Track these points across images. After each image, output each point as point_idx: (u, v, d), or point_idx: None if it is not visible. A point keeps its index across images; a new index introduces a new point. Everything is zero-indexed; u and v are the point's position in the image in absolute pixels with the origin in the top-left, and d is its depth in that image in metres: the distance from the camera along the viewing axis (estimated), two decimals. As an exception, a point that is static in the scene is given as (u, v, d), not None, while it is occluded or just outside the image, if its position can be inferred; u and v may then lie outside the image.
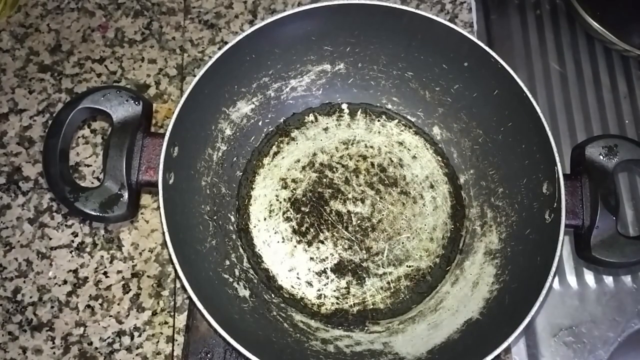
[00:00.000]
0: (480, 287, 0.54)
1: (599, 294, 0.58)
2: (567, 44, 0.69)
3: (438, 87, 0.59)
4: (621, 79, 0.67)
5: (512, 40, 0.68)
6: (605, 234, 0.48)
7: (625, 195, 0.62)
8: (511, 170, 0.55)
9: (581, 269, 0.59)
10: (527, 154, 0.53)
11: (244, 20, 0.67)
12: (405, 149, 0.61)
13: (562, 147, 0.63)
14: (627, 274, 0.59)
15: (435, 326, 0.53)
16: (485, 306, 0.52)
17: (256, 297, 0.54)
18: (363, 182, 0.59)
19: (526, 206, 0.53)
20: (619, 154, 0.50)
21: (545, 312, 0.57)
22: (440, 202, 0.59)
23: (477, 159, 0.59)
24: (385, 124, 0.62)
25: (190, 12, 0.67)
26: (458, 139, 0.60)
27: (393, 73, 0.60)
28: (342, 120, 0.62)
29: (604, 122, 0.65)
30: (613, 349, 0.56)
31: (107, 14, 0.67)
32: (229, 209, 0.58)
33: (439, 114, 0.61)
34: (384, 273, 0.56)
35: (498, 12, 0.70)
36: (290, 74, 0.59)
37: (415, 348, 0.52)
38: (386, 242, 0.57)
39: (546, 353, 0.56)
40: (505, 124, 0.55)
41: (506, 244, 0.54)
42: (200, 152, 0.55)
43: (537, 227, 0.51)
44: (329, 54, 0.59)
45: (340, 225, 0.58)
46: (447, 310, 0.54)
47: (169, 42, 0.66)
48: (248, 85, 0.57)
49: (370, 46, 0.58)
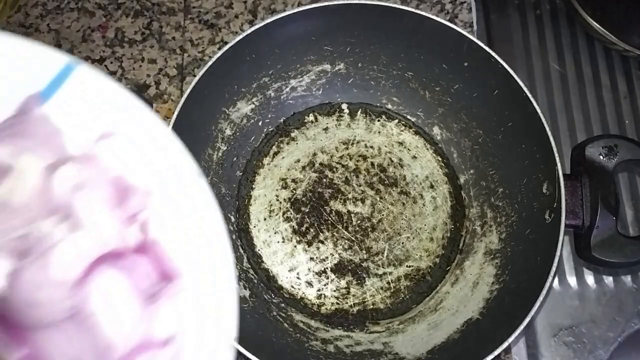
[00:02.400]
0: (480, 287, 0.54)
1: (599, 294, 0.58)
2: (567, 44, 0.69)
3: (438, 87, 0.59)
4: (621, 79, 0.67)
5: (512, 40, 0.68)
6: (605, 234, 0.48)
7: (625, 195, 0.62)
8: (511, 170, 0.55)
9: (581, 269, 0.59)
10: (527, 154, 0.53)
11: (244, 20, 0.67)
12: (405, 149, 0.61)
13: (562, 147, 0.63)
14: (627, 274, 0.59)
15: (435, 326, 0.53)
16: (485, 306, 0.52)
17: (256, 297, 0.54)
18: (363, 182, 0.59)
19: (526, 206, 0.53)
20: (619, 154, 0.50)
21: (545, 312, 0.57)
22: (440, 202, 0.59)
23: (477, 159, 0.59)
24: (385, 124, 0.62)
25: (190, 12, 0.67)
26: (458, 139, 0.60)
27: (393, 73, 0.60)
28: (342, 120, 0.62)
29: (604, 122, 0.65)
30: (613, 349, 0.56)
31: (107, 14, 0.67)
32: (228, 209, 0.58)
33: (439, 114, 0.61)
34: (384, 273, 0.56)
35: (498, 12, 0.70)
36: (290, 74, 0.59)
37: (415, 348, 0.52)
38: (386, 242, 0.57)
39: (546, 353, 0.56)
40: (505, 124, 0.55)
41: (506, 244, 0.54)
42: (200, 152, 0.55)
43: (537, 227, 0.51)
44: (329, 54, 0.59)
45: (340, 225, 0.58)
46: (447, 310, 0.54)
47: (169, 42, 0.66)
48: (248, 85, 0.57)
49: (370, 46, 0.58)
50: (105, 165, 0.31)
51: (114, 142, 0.32)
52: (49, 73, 0.34)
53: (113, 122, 0.32)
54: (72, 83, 0.34)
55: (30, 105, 0.33)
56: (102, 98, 0.33)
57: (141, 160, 0.31)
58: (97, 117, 0.33)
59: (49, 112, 0.33)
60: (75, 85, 0.34)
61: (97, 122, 0.33)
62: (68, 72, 0.34)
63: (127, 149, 0.31)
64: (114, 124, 0.32)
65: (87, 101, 0.34)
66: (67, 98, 0.34)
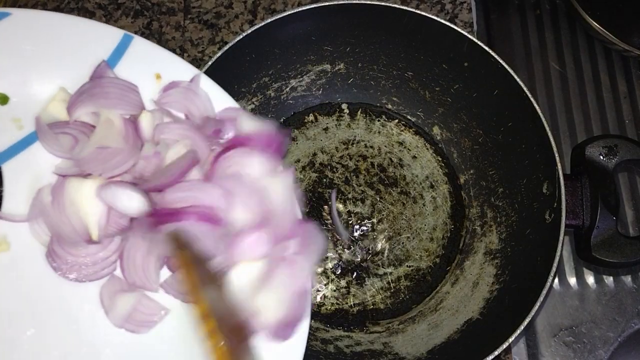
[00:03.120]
0: (480, 287, 0.54)
1: (599, 294, 0.58)
2: (567, 44, 0.69)
3: (438, 87, 0.59)
4: (621, 79, 0.67)
5: (512, 40, 0.68)
6: (605, 234, 0.48)
7: (625, 195, 0.62)
8: (511, 170, 0.55)
9: (581, 269, 0.59)
10: (527, 154, 0.53)
11: (244, 20, 0.67)
12: (405, 149, 0.61)
13: (562, 147, 0.63)
14: (627, 274, 0.59)
15: (435, 326, 0.53)
16: (485, 306, 0.52)
17: (256, 297, 0.54)
18: (363, 182, 0.59)
19: (526, 206, 0.53)
20: (619, 154, 0.50)
21: (545, 312, 0.57)
22: (440, 202, 0.59)
23: (477, 159, 0.59)
24: (385, 124, 0.62)
25: (190, 12, 0.67)
26: (458, 139, 0.60)
27: (393, 73, 0.60)
28: (342, 120, 0.62)
29: (604, 122, 0.65)
30: (613, 349, 0.56)
31: (107, 14, 0.67)
32: (229, 209, 0.57)
33: (439, 114, 0.61)
34: (384, 273, 0.56)
35: (498, 12, 0.70)
36: (290, 74, 0.59)
37: (415, 348, 0.52)
38: (386, 242, 0.57)
39: (546, 353, 0.56)
40: (505, 124, 0.55)
41: (506, 244, 0.54)
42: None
43: (537, 227, 0.51)
44: (329, 54, 0.59)
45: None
46: (447, 310, 0.54)
47: (169, 42, 0.66)
48: (248, 85, 0.57)
49: (370, 46, 0.58)
50: (172, 108, 0.43)
51: (174, 92, 0.43)
52: (110, 44, 0.44)
53: (167, 77, 0.44)
54: (132, 50, 0.44)
55: (101, 71, 0.43)
56: (156, 60, 0.44)
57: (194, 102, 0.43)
58: (155, 74, 0.44)
59: (118, 75, 0.43)
60: (134, 52, 0.44)
61: (155, 79, 0.44)
62: (127, 42, 0.44)
63: (184, 95, 0.43)
64: (168, 78, 0.44)
65: (147, 63, 0.44)
66: (130, 62, 0.44)
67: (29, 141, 0.42)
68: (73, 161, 0.40)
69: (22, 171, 0.41)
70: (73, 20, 0.44)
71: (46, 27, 0.43)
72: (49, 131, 0.41)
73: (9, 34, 0.42)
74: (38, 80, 0.43)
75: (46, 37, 0.43)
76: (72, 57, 0.43)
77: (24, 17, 0.42)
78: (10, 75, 0.42)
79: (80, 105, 0.42)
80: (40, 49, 0.42)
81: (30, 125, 0.42)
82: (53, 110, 0.42)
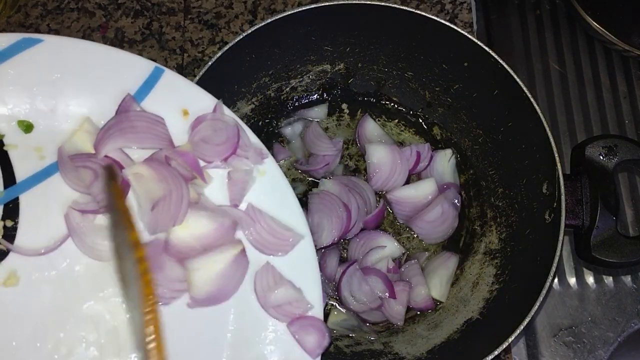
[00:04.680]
0: (480, 287, 0.54)
1: (599, 294, 0.58)
2: (567, 44, 0.69)
3: (438, 87, 0.59)
4: (621, 79, 0.67)
5: (512, 40, 0.68)
6: (605, 234, 0.48)
7: (625, 195, 0.62)
8: (511, 170, 0.55)
9: (581, 269, 0.59)
10: (527, 154, 0.53)
11: (244, 20, 0.67)
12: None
13: (562, 147, 0.63)
14: (627, 274, 0.59)
15: (435, 326, 0.53)
16: (485, 306, 0.52)
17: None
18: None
19: (526, 206, 0.53)
20: (619, 154, 0.50)
21: (545, 312, 0.57)
22: (440, 202, 0.59)
23: (477, 159, 0.59)
24: (386, 124, 0.62)
25: (190, 12, 0.67)
26: (458, 139, 0.60)
27: (393, 73, 0.60)
28: (342, 120, 0.62)
29: (604, 122, 0.65)
30: (613, 349, 0.56)
31: (107, 14, 0.67)
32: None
33: (439, 114, 0.61)
34: (384, 273, 0.56)
35: (498, 12, 0.70)
36: (290, 74, 0.59)
37: (415, 348, 0.52)
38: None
39: (546, 353, 0.56)
40: (505, 124, 0.55)
41: (506, 244, 0.54)
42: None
43: (537, 227, 0.51)
44: (329, 54, 0.59)
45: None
46: (447, 310, 0.54)
47: (169, 42, 0.66)
48: (248, 85, 0.57)
49: (370, 46, 0.58)
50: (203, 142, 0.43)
51: (202, 128, 0.43)
52: (141, 76, 0.43)
53: (195, 113, 0.43)
54: (161, 84, 0.43)
55: (127, 105, 0.42)
56: (185, 94, 0.44)
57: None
58: (182, 109, 0.43)
59: (144, 108, 0.43)
60: (164, 85, 0.43)
61: (182, 115, 0.43)
62: (158, 75, 0.43)
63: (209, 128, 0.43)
64: (196, 114, 0.43)
65: (175, 97, 0.43)
66: (158, 96, 0.43)
67: (49, 172, 0.41)
68: (91, 197, 0.40)
69: (39, 203, 0.40)
70: (106, 50, 0.43)
71: (78, 56, 0.42)
72: (70, 163, 0.40)
73: (39, 61, 0.41)
74: (64, 109, 0.42)
75: (76, 66, 0.42)
76: (100, 87, 0.42)
77: (56, 44, 0.42)
78: (37, 102, 0.41)
79: (109, 141, 0.41)
80: (69, 77, 0.42)
81: (51, 155, 0.41)
82: (78, 141, 0.41)
